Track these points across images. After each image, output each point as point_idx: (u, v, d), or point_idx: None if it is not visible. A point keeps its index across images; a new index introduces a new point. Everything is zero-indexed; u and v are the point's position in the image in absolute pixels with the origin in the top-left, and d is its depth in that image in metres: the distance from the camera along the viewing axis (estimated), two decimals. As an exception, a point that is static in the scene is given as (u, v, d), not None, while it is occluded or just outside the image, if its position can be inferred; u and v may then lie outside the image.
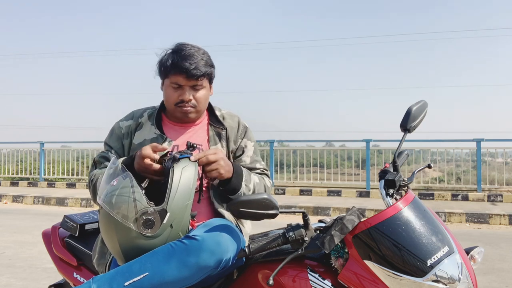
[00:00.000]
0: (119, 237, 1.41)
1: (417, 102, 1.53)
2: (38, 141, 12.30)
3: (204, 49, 1.75)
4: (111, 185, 1.44)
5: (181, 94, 1.70)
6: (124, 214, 1.38)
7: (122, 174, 1.45)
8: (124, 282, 1.36)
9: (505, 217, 7.02)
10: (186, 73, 1.66)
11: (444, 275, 1.27)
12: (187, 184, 1.44)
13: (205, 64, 1.70)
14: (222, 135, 1.80)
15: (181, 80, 1.68)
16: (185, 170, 1.46)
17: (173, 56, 1.69)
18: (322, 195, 9.55)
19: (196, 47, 1.72)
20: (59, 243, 1.98)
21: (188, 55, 1.67)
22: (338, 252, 1.38)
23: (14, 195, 9.81)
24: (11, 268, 4.30)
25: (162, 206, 1.40)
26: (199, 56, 1.69)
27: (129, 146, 1.77)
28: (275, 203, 1.34)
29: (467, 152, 10.07)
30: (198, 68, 1.67)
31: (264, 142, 10.82)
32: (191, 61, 1.66)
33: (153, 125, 1.77)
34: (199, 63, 1.68)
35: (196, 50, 1.70)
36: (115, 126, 1.82)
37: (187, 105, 1.71)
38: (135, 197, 1.39)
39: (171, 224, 1.41)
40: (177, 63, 1.67)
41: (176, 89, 1.71)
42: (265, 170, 1.88)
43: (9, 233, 6.01)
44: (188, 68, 1.66)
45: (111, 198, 1.41)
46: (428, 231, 1.33)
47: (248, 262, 1.55)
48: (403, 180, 1.52)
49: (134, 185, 1.41)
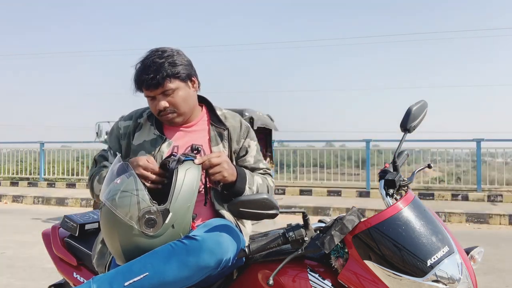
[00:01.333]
0: (121, 235, 1.41)
1: (417, 102, 1.53)
2: (38, 141, 12.30)
3: (172, 50, 1.70)
4: (114, 183, 1.44)
5: (156, 104, 1.69)
6: (127, 212, 1.39)
7: (126, 173, 1.46)
8: (124, 282, 1.36)
9: (505, 217, 7.02)
10: (147, 86, 1.65)
11: (444, 275, 1.27)
12: (190, 186, 1.45)
13: (168, 66, 1.64)
14: (224, 136, 1.78)
15: (147, 92, 1.68)
16: (189, 172, 1.47)
17: (135, 71, 1.68)
18: (322, 195, 9.55)
19: (160, 51, 1.68)
20: (59, 243, 1.98)
21: (144, 67, 1.65)
22: (338, 252, 1.38)
23: (14, 195, 9.81)
24: (11, 268, 4.30)
25: (165, 206, 1.40)
26: (158, 62, 1.64)
27: (127, 146, 1.76)
28: (275, 203, 1.34)
29: (467, 152, 10.07)
30: (156, 76, 1.63)
31: (264, 142, 10.82)
32: (148, 72, 1.63)
33: (153, 126, 1.76)
34: (158, 69, 1.63)
35: (157, 56, 1.66)
36: (114, 126, 1.83)
37: (167, 113, 1.70)
38: (139, 195, 1.40)
39: (173, 224, 1.41)
40: (137, 78, 1.66)
41: (152, 100, 1.70)
42: (268, 169, 1.88)
43: (9, 233, 6.01)
44: (146, 79, 1.64)
45: (114, 196, 1.41)
46: (428, 231, 1.33)
47: (248, 262, 1.55)
48: (403, 180, 1.52)
49: (138, 184, 1.42)
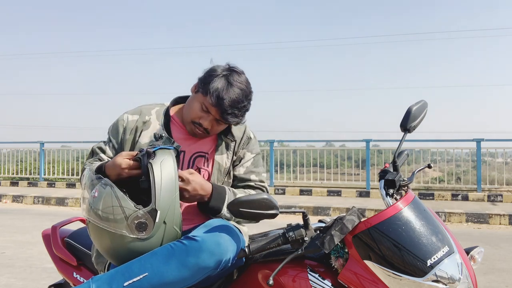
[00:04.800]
0: (114, 245, 1.40)
1: (417, 102, 1.53)
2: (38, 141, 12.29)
3: (250, 89, 1.67)
4: (92, 197, 1.41)
5: (203, 118, 1.64)
6: (114, 223, 1.37)
7: (101, 184, 1.42)
8: (123, 282, 1.36)
9: (505, 217, 7.01)
10: (222, 114, 1.61)
11: (444, 275, 1.27)
12: (169, 177, 1.41)
13: (244, 113, 1.65)
14: (230, 147, 1.75)
15: (213, 111, 1.62)
16: (164, 164, 1.42)
17: (221, 86, 1.60)
18: (322, 195, 9.55)
19: (244, 84, 1.64)
20: (59, 243, 1.98)
21: (234, 100, 1.60)
22: (338, 252, 1.38)
23: (14, 195, 9.81)
24: (11, 268, 4.29)
25: (151, 206, 1.38)
26: (243, 102, 1.62)
27: (131, 142, 1.70)
28: (275, 203, 1.34)
29: (467, 152, 10.06)
30: (236, 117, 1.63)
31: (264, 142, 10.81)
32: (234, 107, 1.60)
33: (161, 126, 1.71)
34: (240, 111, 1.63)
35: (243, 93, 1.63)
36: (119, 118, 1.76)
37: (201, 129, 1.66)
38: (121, 203, 1.37)
39: (164, 220, 1.39)
40: (222, 99, 1.59)
41: (203, 111, 1.64)
42: (261, 182, 1.79)
43: (9, 233, 6.01)
44: (227, 111, 1.60)
45: (96, 210, 1.39)
46: (428, 231, 1.33)
47: (248, 262, 1.55)
48: (403, 180, 1.52)
49: (117, 192, 1.39)
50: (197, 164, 1.69)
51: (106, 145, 1.75)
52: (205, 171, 1.71)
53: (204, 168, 1.71)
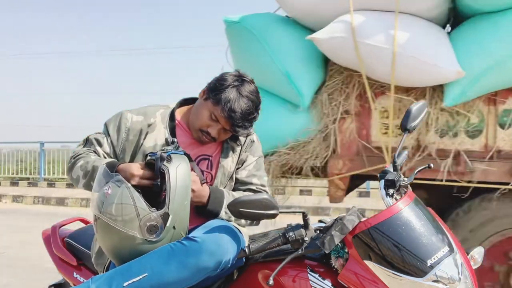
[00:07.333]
0: (122, 245, 1.40)
1: (417, 102, 1.54)
2: (38, 141, 12.27)
3: (260, 98, 1.66)
4: (105, 194, 1.40)
5: (212, 127, 1.61)
6: (127, 222, 1.37)
7: (115, 181, 1.42)
8: (123, 283, 1.36)
9: (505, 217, 7.00)
10: (232, 126, 1.60)
11: (444, 275, 1.27)
12: (184, 183, 1.42)
13: (253, 123, 1.64)
14: (236, 150, 1.73)
15: (223, 122, 1.60)
16: (180, 169, 1.42)
17: (233, 98, 1.57)
18: (322, 195, 9.54)
19: (254, 95, 1.62)
20: (59, 243, 1.97)
21: (246, 113, 1.59)
22: (338, 252, 1.38)
23: (14, 195, 9.80)
24: (11, 268, 4.29)
25: (164, 210, 1.38)
26: (253, 114, 1.61)
27: (135, 144, 1.64)
28: (275, 203, 1.34)
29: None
30: (246, 128, 1.62)
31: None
32: (245, 119, 1.59)
33: (166, 129, 1.67)
34: (250, 123, 1.62)
35: (254, 104, 1.61)
36: (122, 115, 1.68)
37: (209, 137, 1.64)
38: (136, 204, 1.37)
39: (174, 225, 1.40)
40: (233, 111, 1.57)
41: (212, 120, 1.61)
42: (263, 187, 1.75)
43: (9, 233, 6.00)
44: (238, 124, 1.59)
45: (110, 208, 1.38)
46: (428, 231, 1.33)
47: (248, 262, 1.55)
48: (403, 180, 1.52)
49: (132, 192, 1.39)
50: (201, 167, 1.67)
51: (104, 139, 1.67)
52: (208, 174, 1.69)
53: (207, 171, 1.69)
